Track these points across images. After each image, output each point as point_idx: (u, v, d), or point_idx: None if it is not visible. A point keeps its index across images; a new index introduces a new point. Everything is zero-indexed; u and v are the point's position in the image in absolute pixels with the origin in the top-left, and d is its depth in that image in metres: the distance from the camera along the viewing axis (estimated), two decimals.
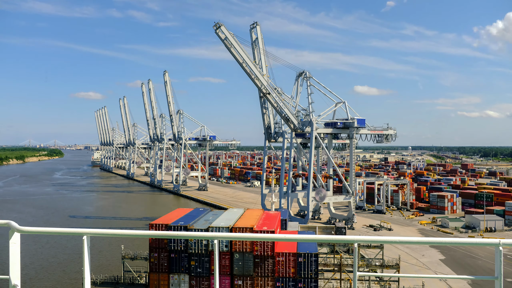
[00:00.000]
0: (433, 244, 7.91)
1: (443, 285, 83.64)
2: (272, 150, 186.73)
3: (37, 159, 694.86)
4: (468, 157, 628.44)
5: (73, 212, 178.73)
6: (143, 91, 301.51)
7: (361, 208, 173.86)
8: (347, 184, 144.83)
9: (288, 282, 58.80)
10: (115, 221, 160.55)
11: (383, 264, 72.48)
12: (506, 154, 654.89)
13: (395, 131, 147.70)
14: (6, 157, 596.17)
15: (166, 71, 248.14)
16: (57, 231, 8.36)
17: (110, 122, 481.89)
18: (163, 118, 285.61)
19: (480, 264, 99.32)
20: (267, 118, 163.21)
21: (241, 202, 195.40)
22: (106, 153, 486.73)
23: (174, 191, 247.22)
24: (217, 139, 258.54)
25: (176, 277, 61.52)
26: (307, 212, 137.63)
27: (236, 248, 59.93)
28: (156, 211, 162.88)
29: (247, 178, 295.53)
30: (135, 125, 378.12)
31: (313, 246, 62.03)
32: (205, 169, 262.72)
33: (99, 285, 69.76)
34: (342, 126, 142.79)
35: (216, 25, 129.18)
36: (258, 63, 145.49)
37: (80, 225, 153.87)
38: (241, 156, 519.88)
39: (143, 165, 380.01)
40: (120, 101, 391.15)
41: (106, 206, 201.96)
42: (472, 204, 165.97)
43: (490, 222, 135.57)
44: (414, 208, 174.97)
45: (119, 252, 79.48)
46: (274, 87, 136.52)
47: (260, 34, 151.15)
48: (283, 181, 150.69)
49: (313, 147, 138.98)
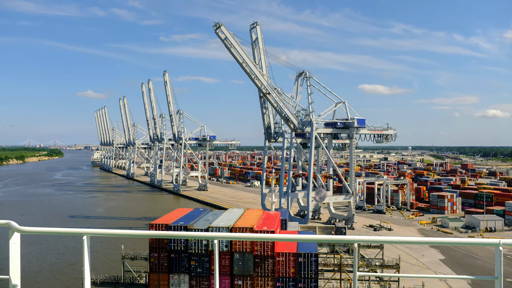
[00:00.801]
0: (433, 244, 7.91)
1: (443, 285, 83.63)
2: (272, 150, 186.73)
3: (37, 159, 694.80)
4: (468, 157, 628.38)
5: (76, 213, 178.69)
6: (143, 91, 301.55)
7: (361, 208, 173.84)
8: (347, 184, 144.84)
9: (288, 282, 58.78)
10: (115, 221, 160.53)
11: (383, 264, 72.49)
12: (506, 154, 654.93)
13: (395, 131, 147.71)
14: (6, 157, 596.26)
15: (166, 71, 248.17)
16: (57, 231, 8.36)
17: (110, 122, 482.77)
18: (163, 118, 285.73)
19: (480, 264, 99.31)
20: (267, 118, 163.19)
21: (241, 202, 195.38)
22: (106, 153, 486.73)
23: (174, 191, 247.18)
24: (217, 139, 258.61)
25: (176, 277, 61.51)
26: (307, 212, 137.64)
27: (236, 248, 59.92)
28: (156, 211, 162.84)
29: (247, 178, 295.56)
30: (135, 125, 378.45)
31: (313, 246, 62.02)
32: (205, 169, 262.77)
33: (99, 285, 69.73)
34: (342, 126, 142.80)
35: (216, 25, 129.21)
36: (258, 63, 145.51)
37: (80, 225, 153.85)
38: (241, 156, 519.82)
39: (143, 165, 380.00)
40: (120, 101, 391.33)
41: (112, 207, 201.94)
42: (472, 204, 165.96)
43: (490, 222, 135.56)
44: (414, 208, 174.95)
45: (119, 252, 79.50)
46: (274, 87, 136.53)
47: (260, 34, 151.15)
48: (283, 181, 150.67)
49: (313, 147, 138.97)
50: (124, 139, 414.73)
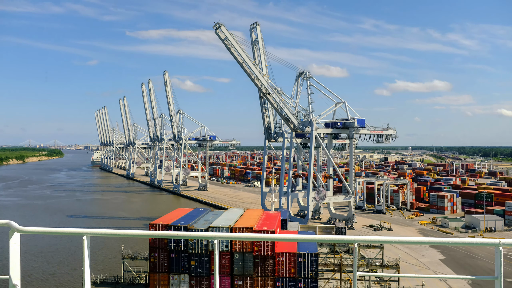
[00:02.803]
0: (433, 244, 7.91)
1: (443, 285, 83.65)
2: (272, 150, 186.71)
3: (37, 159, 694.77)
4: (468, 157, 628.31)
5: (76, 213, 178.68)
6: (143, 91, 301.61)
7: (361, 208, 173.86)
8: (347, 184, 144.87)
9: (288, 282, 58.80)
10: (115, 221, 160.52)
11: (383, 264, 72.48)
12: (506, 154, 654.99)
13: (395, 131, 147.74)
14: (6, 157, 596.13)
15: (166, 71, 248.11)
16: (57, 231, 8.36)
17: (110, 122, 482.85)
18: (163, 118, 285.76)
19: (480, 264, 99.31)
20: (267, 118, 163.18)
21: (241, 202, 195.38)
22: (106, 153, 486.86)
23: (174, 191, 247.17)
24: (217, 139, 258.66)
25: (176, 277, 61.52)
26: (307, 212, 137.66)
27: (236, 248, 59.93)
28: (156, 211, 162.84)
29: (247, 178, 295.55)
30: (135, 125, 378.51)
31: (313, 246, 62.03)
32: (205, 169, 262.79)
33: (99, 285, 69.73)
34: (342, 126, 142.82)
35: (216, 25, 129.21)
36: (258, 63, 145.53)
37: (80, 225, 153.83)
38: (241, 156, 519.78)
39: (143, 165, 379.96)
40: (120, 101, 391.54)
41: (113, 207, 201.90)
42: (472, 204, 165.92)
43: (490, 222, 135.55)
44: (414, 208, 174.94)
45: (119, 252, 79.49)
46: (274, 87, 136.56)
47: (260, 34, 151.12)
48: (283, 181, 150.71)
49: (313, 147, 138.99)
50: (124, 139, 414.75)
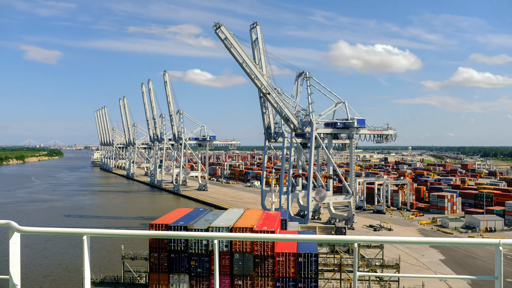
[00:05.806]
0: (433, 244, 7.91)
1: (443, 285, 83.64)
2: (272, 150, 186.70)
3: (37, 159, 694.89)
4: (468, 157, 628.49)
5: (76, 213, 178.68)
6: (143, 91, 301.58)
7: (361, 208, 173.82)
8: (347, 184, 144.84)
9: (288, 282, 58.79)
10: (115, 221, 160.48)
11: (383, 264, 72.45)
12: (506, 154, 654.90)
13: (395, 131, 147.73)
14: (6, 157, 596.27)
15: (166, 71, 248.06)
16: (57, 231, 8.37)
17: (110, 122, 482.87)
18: (163, 118, 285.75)
19: (480, 264, 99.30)
20: (267, 118, 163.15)
21: (241, 202, 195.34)
22: (106, 153, 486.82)
23: (174, 191, 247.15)
24: (217, 139, 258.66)
25: (176, 277, 61.52)
26: (307, 212, 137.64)
27: (236, 248, 59.92)
28: (156, 211, 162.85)
29: (247, 178, 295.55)
30: (135, 125, 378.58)
31: (313, 246, 62.03)
32: (205, 169, 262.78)
33: (99, 284, 69.70)
34: (342, 126, 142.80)
35: (216, 25, 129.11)
36: (258, 63, 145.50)
37: (79, 225, 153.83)
38: (241, 156, 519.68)
39: (143, 165, 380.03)
40: (120, 101, 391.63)
41: (112, 207, 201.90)
42: (472, 204, 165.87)
43: (490, 222, 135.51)
44: (414, 208, 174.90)
45: (119, 252, 79.48)
46: (274, 87, 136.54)
47: (260, 34, 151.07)
48: (283, 181, 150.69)
49: (313, 147, 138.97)
50: (124, 139, 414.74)
